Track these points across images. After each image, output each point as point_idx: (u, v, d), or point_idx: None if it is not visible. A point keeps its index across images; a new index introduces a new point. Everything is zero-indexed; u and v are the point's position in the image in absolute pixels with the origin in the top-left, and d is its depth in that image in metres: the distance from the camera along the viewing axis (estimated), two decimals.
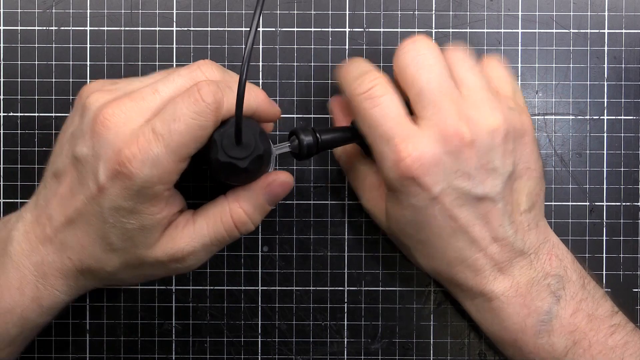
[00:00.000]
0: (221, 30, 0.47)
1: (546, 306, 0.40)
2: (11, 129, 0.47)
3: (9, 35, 0.47)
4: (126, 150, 0.35)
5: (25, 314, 0.39)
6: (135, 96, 0.36)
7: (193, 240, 0.39)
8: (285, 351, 0.48)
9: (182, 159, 0.36)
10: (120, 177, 0.35)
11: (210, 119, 0.36)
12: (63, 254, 0.38)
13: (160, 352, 0.47)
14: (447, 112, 0.38)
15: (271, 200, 0.40)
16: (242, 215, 0.39)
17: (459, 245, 0.40)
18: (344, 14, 0.47)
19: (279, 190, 0.40)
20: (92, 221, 0.37)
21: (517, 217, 0.40)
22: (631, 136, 0.47)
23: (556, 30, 0.48)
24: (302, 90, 0.47)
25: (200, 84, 0.36)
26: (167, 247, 0.38)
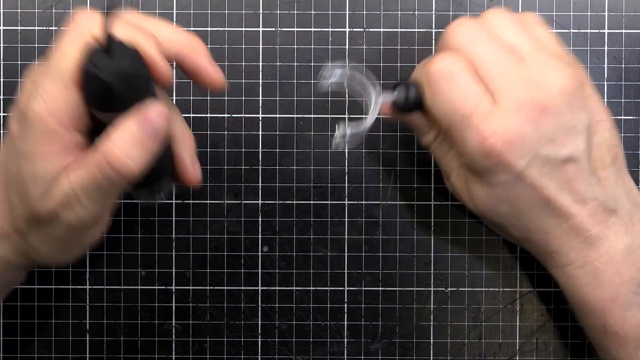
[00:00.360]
0: (221, 30, 0.47)
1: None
2: None
3: (9, 35, 0.47)
4: (24, 88, 0.36)
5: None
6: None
7: (72, 182, 0.35)
8: (285, 351, 0.48)
9: (65, 85, 0.35)
10: (20, 115, 0.36)
11: (80, 33, 0.35)
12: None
13: (160, 352, 0.47)
14: (516, 82, 0.38)
15: (149, 132, 0.35)
16: (114, 151, 0.34)
17: (553, 213, 0.40)
18: (344, 14, 0.47)
19: (156, 118, 0.35)
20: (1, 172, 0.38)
21: (602, 174, 0.40)
22: (631, 136, 0.47)
23: (556, 30, 0.48)
24: (302, 90, 0.47)
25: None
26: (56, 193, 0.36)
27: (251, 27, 0.47)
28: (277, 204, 0.47)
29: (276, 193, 0.47)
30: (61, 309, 0.47)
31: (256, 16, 0.47)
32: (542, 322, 0.48)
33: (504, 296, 0.48)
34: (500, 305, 0.48)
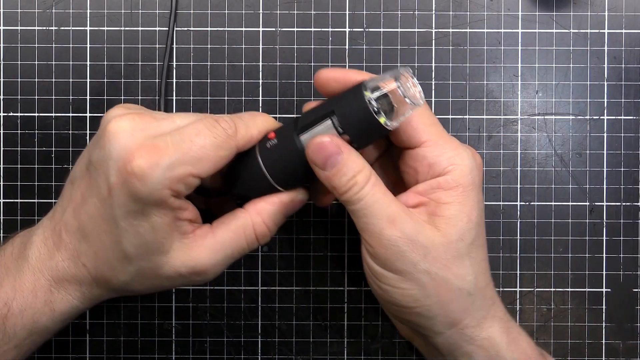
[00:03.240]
0: (221, 30, 0.47)
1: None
2: (11, 129, 0.47)
3: (9, 35, 0.47)
4: (141, 151, 0.35)
5: (36, 317, 0.39)
6: (155, 115, 0.37)
7: (215, 253, 0.39)
8: (285, 351, 0.48)
9: (195, 174, 0.36)
10: (131, 178, 0.35)
11: (229, 143, 0.37)
12: (78, 261, 0.38)
13: (160, 352, 0.47)
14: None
15: (288, 215, 0.41)
16: (265, 229, 0.40)
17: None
18: (344, 14, 0.47)
19: (297, 206, 0.41)
20: (104, 227, 0.37)
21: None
22: (631, 136, 0.47)
23: (556, 30, 0.48)
24: (302, 90, 0.47)
25: (215, 116, 0.38)
26: (188, 259, 0.38)
27: (251, 27, 0.47)
28: None
29: None
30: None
31: (256, 16, 0.47)
32: (542, 322, 0.48)
33: (504, 296, 0.48)
34: None
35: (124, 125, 0.36)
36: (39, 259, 0.39)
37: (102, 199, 0.37)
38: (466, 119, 0.47)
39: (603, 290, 0.48)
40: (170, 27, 0.47)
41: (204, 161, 0.36)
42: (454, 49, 0.47)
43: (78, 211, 0.38)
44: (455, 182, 0.38)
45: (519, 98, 0.47)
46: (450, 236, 0.38)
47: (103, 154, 0.36)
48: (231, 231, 0.39)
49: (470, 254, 0.38)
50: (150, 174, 0.35)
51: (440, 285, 0.38)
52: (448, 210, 0.38)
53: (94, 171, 0.37)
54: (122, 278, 0.38)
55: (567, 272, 0.48)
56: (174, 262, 0.38)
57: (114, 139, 0.36)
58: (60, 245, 0.38)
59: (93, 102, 0.47)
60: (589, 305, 0.48)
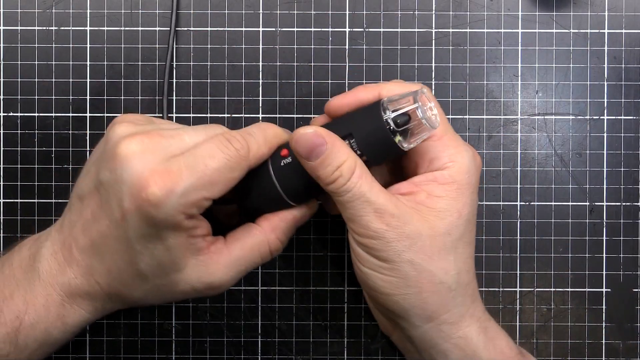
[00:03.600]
0: (221, 30, 0.47)
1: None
2: (11, 129, 0.47)
3: (9, 35, 0.47)
4: (157, 179, 0.35)
5: (49, 330, 0.39)
6: (164, 134, 0.37)
7: (230, 269, 0.39)
8: (285, 351, 0.48)
9: (209, 197, 0.36)
10: (145, 205, 0.35)
11: (242, 164, 0.37)
12: (91, 278, 0.38)
13: (160, 352, 0.47)
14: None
15: (299, 227, 0.41)
16: (279, 245, 0.40)
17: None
18: (344, 14, 0.47)
19: (308, 218, 0.41)
20: (118, 247, 0.37)
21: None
22: (631, 136, 0.47)
23: (556, 30, 0.48)
24: (302, 90, 0.47)
25: (227, 135, 0.37)
26: (203, 276, 0.38)
27: (251, 27, 0.47)
28: None
29: None
30: None
31: (256, 16, 0.47)
32: (542, 322, 0.48)
33: (504, 296, 0.48)
34: (500, 305, 0.48)
35: (135, 149, 0.36)
36: (50, 274, 0.39)
37: (114, 221, 0.37)
38: (466, 119, 0.47)
39: (603, 290, 0.48)
40: (172, 27, 0.47)
41: (218, 184, 0.36)
42: (454, 49, 0.47)
43: (88, 229, 0.38)
44: (451, 178, 0.39)
45: (519, 98, 0.47)
46: (438, 229, 0.38)
47: (114, 177, 0.36)
48: (246, 249, 0.39)
49: (456, 249, 0.39)
50: (165, 201, 0.35)
51: (423, 276, 0.38)
52: (439, 204, 0.38)
53: (104, 193, 0.37)
54: (137, 295, 0.39)
55: (567, 272, 0.48)
56: (189, 279, 0.38)
57: (125, 164, 0.35)
58: (72, 262, 0.38)
59: (93, 102, 0.47)
60: (589, 305, 0.48)
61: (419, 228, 0.38)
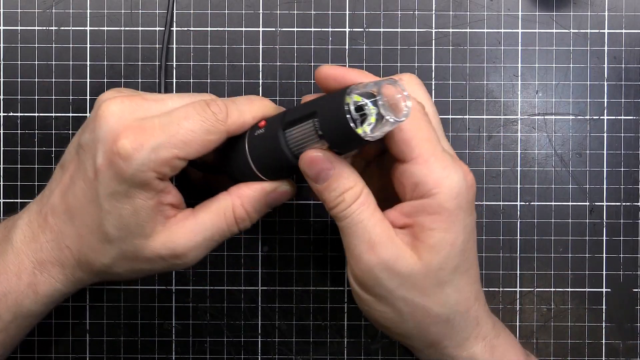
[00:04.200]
0: (221, 30, 0.47)
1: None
2: (11, 129, 0.47)
3: (9, 35, 0.47)
4: (128, 134, 0.36)
5: (19, 299, 0.39)
6: (146, 97, 0.38)
7: (195, 234, 0.39)
8: (285, 351, 0.48)
9: (181, 156, 0.36)
10: (116, 158, 0.36)
11: (218, 127, 0.37)
12: (61, 242, 0.39)
13: (160, 352, 0.47)
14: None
15: (271, 205, 0.40)
16: (244, 214, 0.40)
17: (478, 274, 0.40)
18: (344, 14, 0.47)
19: (281, 197, 0.40)
20: (89, 209, 0.37)
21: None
22: (631, 136, 0.47)
23: (556, 30, 0.48)
24: (302, 90, 0.47)
25: (207, 99, 0.37)
26: (168, 241, 0.38)
27: (251, 27, 0.47)
28: None
29: None
30: (61, 308, 0.47)
31: (256, 16, 0.47)
32: (542, 322, 0.48)
33: (504, 296, 0.48)
34: (500, 305, 0.48)
35: (114, 109, 0.36)
36: (23, 241, 0.39)
37: (88, 180, 0.37)
38: (466, 119, 0.47)
39: (603, 290, 0.48)
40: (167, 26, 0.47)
41: (191, 144, 0.36)
42: (454, 49, 0.47)
43: (65, 193, 0.38)
44: (440, 207, 0.36)
45: (519, 98, 0.47)
46: (431, 265, 0.37)
47: (93, 137, 0.37)
48: (211, 212, 0.39)
49: (452, 281, 0.37)
50: (135, 155, 0.35)
51: (418, 311, 0.37)
52: (431, 238, 0.36)
53: (82, 154, 0.37)
54: (104, 260, 0.39)
55: (567, 272, 0.48)
56: (154, 244, 0.38)
57: (103, 122, 0.36)
58: (46, 228, 0.39)
59: (93, 102, 0.47)
60: (589, 305, 0.48)
61: (411, 265, 0.37)
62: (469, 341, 0.39)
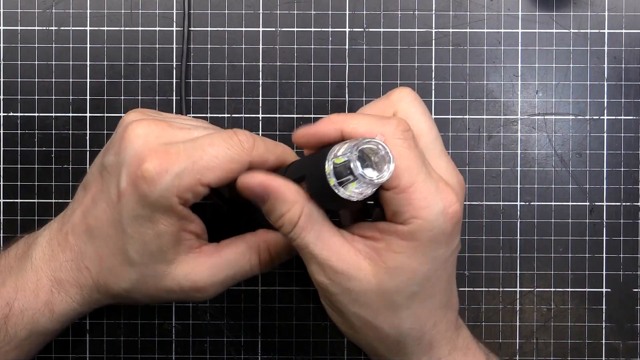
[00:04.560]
0: (221, 30, 0.47)
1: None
2: (11, 129, 0.47)
3: (9, 35, 0.47)
4: (153, 158, 0.35)
5: (36, 317, 0.39)
6: (173, 124, 0.37)
7: (218, 270, 0.39)
8: (285, 351, 0.47)
9: (204, 183, 0.36)
10: (140, 182, 0.35)
11: (243, 156, 0.36)
12: (81, 263, 0.39)
13: (160, 352, 0.47)
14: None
15: (293, 253, 0.40)
16: (268, 258, 0.40)
17: (451, 300, 0.39)
18: (344, 14, 0.47)
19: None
20: (111, 232, 0.37)
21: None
22: (631, 136, 0.47)
23: (556, 30, 0.48)
24: (302, 90, 0.47)
25: (236, 129, 0.37)
26: (191, 273, 0.38)
27: (251, 27, 0.47)
28: None
29: None
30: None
31: (256, 16, 0.47)
32: (542, 322, 0.48)
33: (504, 296, 0.48)
34: (500, 305, 0.48)
35: (140, 132, 0.36)
36: (43, 259, 0.39)
37: (111, 203, 0.37)
38: (466, 119, 0.47)
39: (603, 290, 0.48)
40: (185, 27, 0.47)
41: (214, 171, 0.36)
42: (454, 49, 0.47)
43: (86, 214, 0.38)
44: (411, 236, 0.35)
45: (519, 98, 0.47)
46: (386, 287, 0.36)
47: (118, 160, 0.37)
48: (236, 252, 0.39)
49: (409, 307, 0.37)
50: (159, 179, 0.35)
51: (369, 329, 0.37)
52: (393, 261, 0.35)
53: (107, 176, 0.37)
54: (123, 285, 0.39)
55: (567, 272, 0.48)
56: (176, 274, 0.38)
57: (129, 145, 0.36)
58: (66, 247, 0.39)
59: (93, 102, 0.47)
60: (589, 305, 0.48)
61: (364, 284, 0.36)
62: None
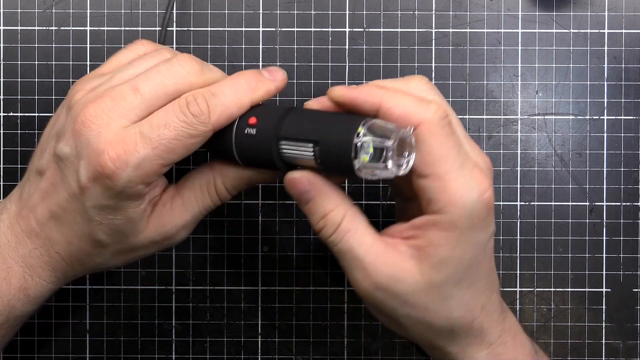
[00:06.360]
0: (221, 30, 0.47)
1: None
2: (11, 129, 0.47)
3: (9, 35, 0.47)
4: (110, 151, 0.35)
5: (11, 302, 0.39)
6: (116, 95, 0.36)
7: (184, 214, 0.39)
8: (285, 351, 0.48)
9: (167, 164, 0.36)
10: (101, 177, 0.35)
11: (201, 130, 0.36)
12: (51, 249, 0.38)
13: (160, 352, 0.47)
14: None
15: (251, 186, 0.41)
16: (225, 192, 0.40)
17: (494, 282, 0.39)
18: (344, 14, 0.47)
19: (261, 182, 0.40)
20: (77, 219, 0.37)
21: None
22: (631, 136, 0.47)
23: (556, 30, 0.48)
24: (302, 90, 0.47)
25: (188, 98, 0.36)
26: (159, 227, 0.39)
27: (251, 27, 0.47)
28: (277, 204, 0.47)
29: (276, 193, 0.47)
30: (61, 308, 0.47)
31: (256, 16, 0.47)
32: (542, 322, 0.48)
33: (504, 296, 0.47)
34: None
35: (90, 120, 0.36)
36: (8, 245, 0.39)
37: (73, 195, 0.37)
38: (466, 119, 0.47)
39: (603, 290, 0.48)
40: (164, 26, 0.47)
41: (175, 151, 0.36)
42: (454, 49, 0.47)
43: (47, 199, 0.38)
44: (451, 225, 0.35)
45: (519, 98, 0.47)
46: (434, 281, 0.36)
47: (72, 152, 0.36)
48: (195, 190, 0.39)
49: (456, 295, 0.37)
50: (120, 173, 0.35)
51: (421, 325, 0.37)
52: (438, 255, 0.36)
53: (63, 167, 0.37)
54: (98, 260, 0.39)
55: (567, 272, 0.48)
56: (147, 234, 0.38)
57: (82, 138, 0.36)
58: (31, 233, 0.38)
59: None
60: (589, 305, 0.48)
61: (412, 285, 0.36)
62: (472, 348, 0.39)
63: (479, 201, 0.35)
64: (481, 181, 0.36)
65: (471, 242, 0.36)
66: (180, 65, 0.37)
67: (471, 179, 0.35)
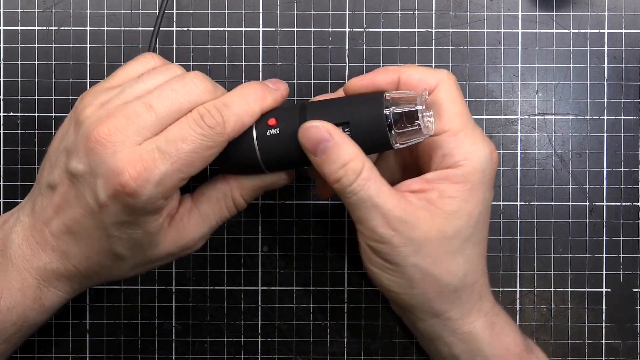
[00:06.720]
0: (221, 30, 0.47)
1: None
2: (11, 129, 0.47)
3: (9, 35, 0.47)
4: (130, 170, 0.35)
5: (26, 313, 0.39)
6: (130, 113, 0.36)
7: (201, 226, 0.40)
8: (285, 351, 0.48)
9: (186, 177, 0.36)
10: (122, 196, 0.35)
11: (217, 140, 0.36)
12: (67, 262, 0.38)
13: (160, 352, 0.47)
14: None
15: (267, 191, 0.41)
16: (243, 202, 0.41)
17: (485, 254, 0.41)
18: (344, 14, 0.47)
19: (278, 186, 0.41)
20: (95, 234, 0.37)
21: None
22: (631, 136, 0.47)
23: (556, 30, 0.48)
24: (302, 90, 0.47)
25: (201, 111, 0.36)
26: (177, 240, 0.39)
27: (251, 27, 0.47)
28: (277, 204, 0.47)
29: (276, 193, 0.47)
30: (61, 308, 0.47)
31: (256, 16, 0.47)
32: (542, 322, 0.48)
33: (504, 296, 0.48)
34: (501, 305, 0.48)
35: (105, 139, 0.35)
36: (24, 259, 0.39)
37: (90, 211, 0.37)
38: None
39: (603, 290, 0.48)
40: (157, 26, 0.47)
41: (193, 164, 0.36)
42: (454, 49, 0.47)
43: (61, 214, 0.38)
44: (464, 178, 0.38)
45: (519, 98, 0.47)
46: (446, 232, 0.38)
47: (87, 170, 0.36)
48: (212, 203, 0.40)
49: (464, 251, 0.38)
50: (142, 191, 0.35)
51: (428, 279, 0.38)
52: (450, 206, 0.38)
53: (78, 184, 0.37)
54: (116, 273, 0.39)
55: (567, 272, 0.48)
56: (164, 247, 0.39)
57: (98, 157, 0.35)
58: (46, 246, 0.38)
59: None
60: (589, 305, 0.48)
61: (426, 232, 0.37)
62: (471, 315, 0.40)
63: (490, 158, 0.38)
64: (489, 142, 0.39)
65: (480, 198, 0.38)
66: (194, 83, 0.37)
67: (483, 137, 0.39)
